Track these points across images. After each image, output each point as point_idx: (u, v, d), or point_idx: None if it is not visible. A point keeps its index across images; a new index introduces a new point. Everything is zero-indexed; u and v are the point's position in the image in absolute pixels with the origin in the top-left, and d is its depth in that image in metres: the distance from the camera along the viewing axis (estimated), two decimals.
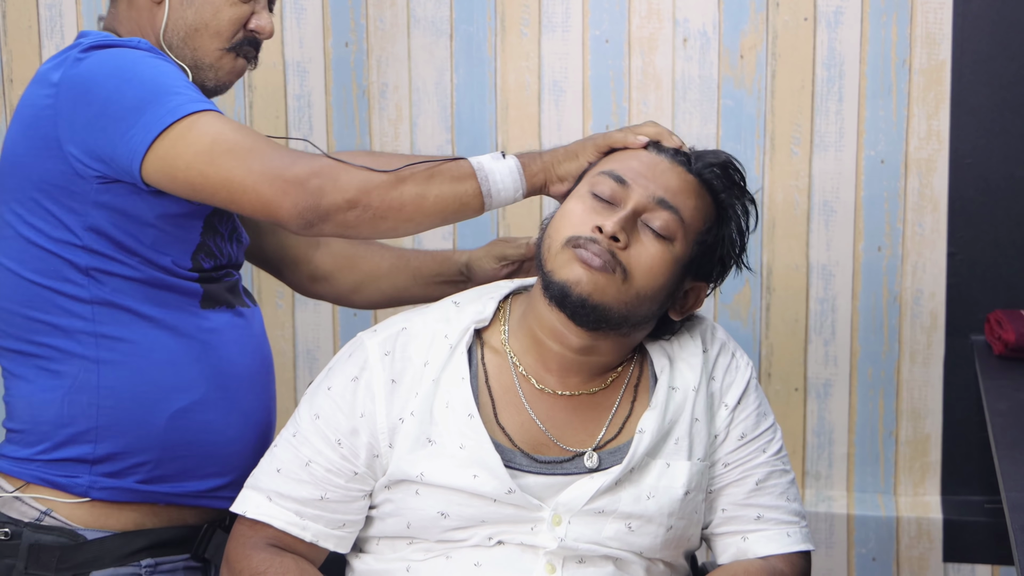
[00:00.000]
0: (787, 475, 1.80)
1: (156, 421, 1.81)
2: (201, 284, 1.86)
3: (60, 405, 1.81)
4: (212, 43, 1.90)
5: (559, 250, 1.65)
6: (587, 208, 1.66)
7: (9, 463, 1.84)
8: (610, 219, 1.64)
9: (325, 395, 1.72)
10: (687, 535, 1.75)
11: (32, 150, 1.80)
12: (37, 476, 1.81)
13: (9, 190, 1.83)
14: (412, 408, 1.68)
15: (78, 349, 1.81)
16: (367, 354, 1.72)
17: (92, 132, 1.75)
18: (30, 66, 2.92)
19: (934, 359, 2.77)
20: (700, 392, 1.75)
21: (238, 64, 1.94)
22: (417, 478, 1.67)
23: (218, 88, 1.94)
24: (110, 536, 1.81)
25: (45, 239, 1.80)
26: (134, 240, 1.80)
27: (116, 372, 1.81)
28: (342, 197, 1.69)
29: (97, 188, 1.77)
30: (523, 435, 1.70)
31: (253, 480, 1.75)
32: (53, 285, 1.81)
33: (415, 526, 1.69)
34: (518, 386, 1.71)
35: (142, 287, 1.81)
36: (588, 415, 1.72)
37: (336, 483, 1.70)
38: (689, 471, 1.72)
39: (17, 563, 1.78)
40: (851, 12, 2.68)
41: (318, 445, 1.71)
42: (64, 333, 1.81)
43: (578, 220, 1.66)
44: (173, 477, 1.81)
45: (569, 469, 1.69)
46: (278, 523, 1.71)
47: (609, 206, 1.66)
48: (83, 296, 1.80)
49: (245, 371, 1.89)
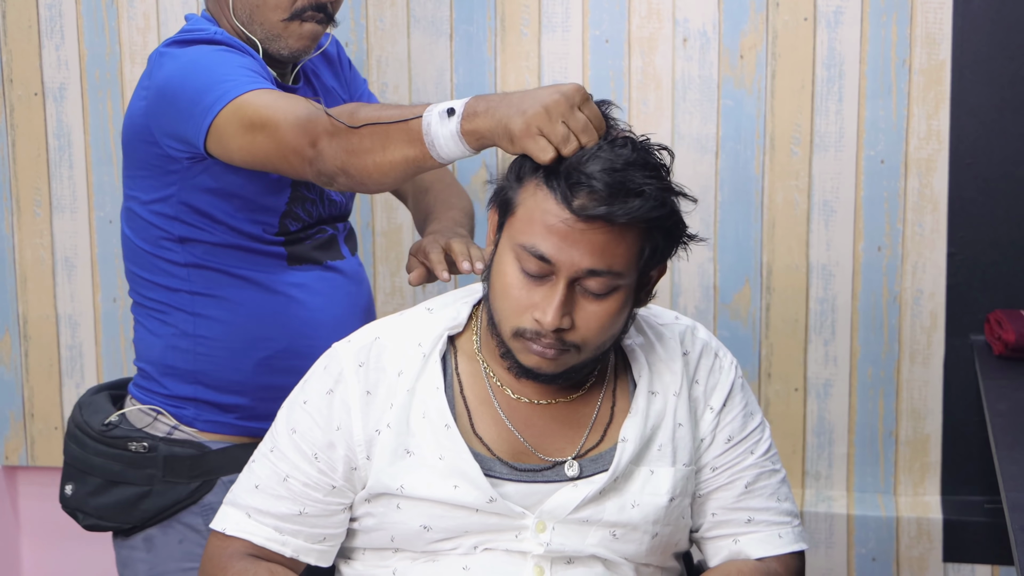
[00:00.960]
0: (777, 474, 1.78)
1: (245, 367, 2.09)
2: (286, 247, 2.10)
3: (164, 350, 2.11)
4: (274, 15, 2.07)
5: (510, 336, 1.62)
6: (521, 285, 1.59)
7: (139, 392, 2.15)
8: (548, 307, 1.57)
9: (301, 409, 1.71)
10: (674, 540, 1.74)
11: (135, 136, 2.06)
12: (159, 404, 2.12)
13: (126, 167, 2.12)
14: (388, 420, 1.66)
15: (177, 303, 2.10)
16: (341, 366, 1.70)
17: (173, 123, 1.98)
18: (30, 66, 2.92)
19: (934, 359, 2.77)
20: (681, 396, 1.72)
21: (305, 29, 2.08)
22: (397, 491, 1.66)
23: (294, 55, 2.10)
24: (232, 447, 2.09)
25: (147, 211, 2.09)
26: (222, 212, 2.05)
27: (209, 324, 2.09)
28: (331, 169, 1.79)
29: (188, 166, 2.01)
30: (501, 444, 1.68)
31: (232, 497, 1.74)
32: (154, 251, 2.10)
33: (399, 539, 1.68)
34: (493, 396, 1.69)
35: (231, 251, 2.07)
36: (567, 422, 1.70)
37: (314, 497, 1.69)
38: (673, 477, 1.70)
39: (156, 472, 2.08)
40: (851, 12, 2.68)
41: (295, 460, 1.69)
42: (167, 290, 2.10)
43: (516, 304, 1.60)
44: (267, 417, 1.86)
45: (550, 477, 1.67)
46: (258, 539, 1.70)
47: (541, 281, 1.59)
48: (178, 260, 2.08)
49: (331, 320, 2.11)
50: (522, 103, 1.57)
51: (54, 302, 3.01)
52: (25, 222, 2.99)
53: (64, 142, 2.95)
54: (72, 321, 3.01)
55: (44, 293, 3.01)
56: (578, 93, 1.56)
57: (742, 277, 2.80)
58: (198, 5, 2.85)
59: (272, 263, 2.10)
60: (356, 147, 1.73)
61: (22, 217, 2.99)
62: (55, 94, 2.94)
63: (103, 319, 3.00)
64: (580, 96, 1.56)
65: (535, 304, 1.58)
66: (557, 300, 1.57)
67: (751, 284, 2.80)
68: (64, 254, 2.99)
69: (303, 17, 2.07)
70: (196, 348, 2.10)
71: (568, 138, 1.55)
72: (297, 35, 2.08)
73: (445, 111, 1.62)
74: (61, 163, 2.96)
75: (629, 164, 1.55)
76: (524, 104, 1.57)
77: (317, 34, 2.10)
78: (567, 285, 1.57)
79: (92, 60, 2.91)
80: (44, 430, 3.06)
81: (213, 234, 2.06)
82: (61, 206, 2.97)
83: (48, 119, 2.95)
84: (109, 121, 2.92)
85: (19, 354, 3.04)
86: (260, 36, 2.08)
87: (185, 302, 2.10)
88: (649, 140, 1.62)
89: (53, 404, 3.05)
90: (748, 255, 2.78)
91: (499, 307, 1.62)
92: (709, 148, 2.76)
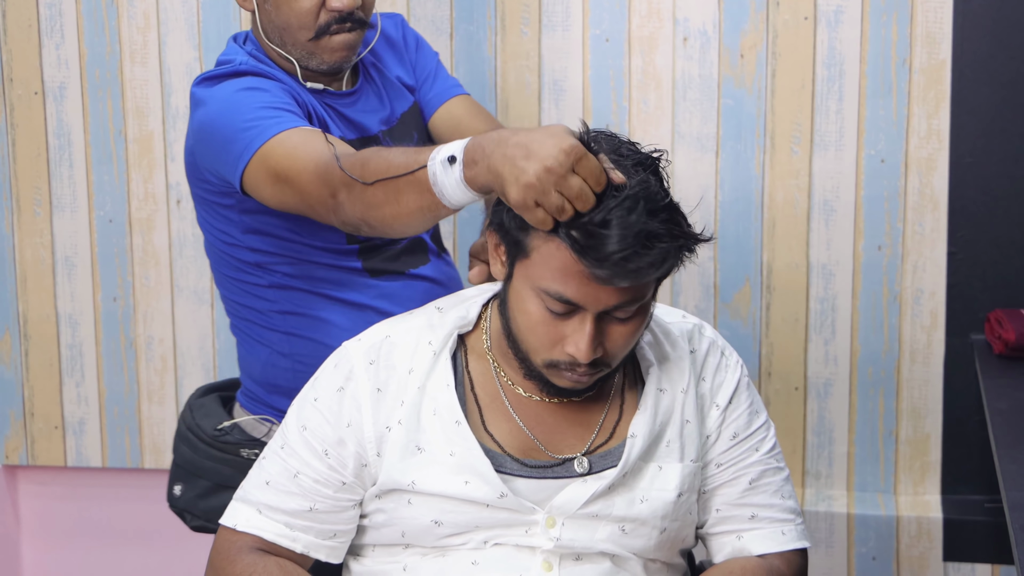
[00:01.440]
0: (781, 472, 1.80)
1: None
2: (361, 257, 2.10)
3: (264, 368, 2.13)
4: (301, 35, 2.05)
5: (542, 366, 1.63)
6: (547, 321, 1.59)
7: (248, 402, 2.18)
8: (580, 342, 1.58)
9: (312, 406, 1.72)
10: (681, 535, 1.75)
11: (190, 172, 2.09)
12: (264, 413, 2.15)
13: (193, 200, 2.14)
14: (399, 416, 1.68)
15: (270, 324, 2.12)
16: (352, 364, 1.71)
17: (213, 164, 1.99)
18: (30, 66, 2.92)
19: (934, 358, 2.77)
20: (689, 393, 1.74)
21: (336, 42, 2.06)
22: (409, 487, 1.67)
23: (333, 68, 2.09)
24: None
25: (219, 242, 2.11)
26: (286, 230, 2.05)
27: (303, 343, 2.10)
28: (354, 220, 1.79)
29: (242, 198, 2.00)
30: (512, 441, 1.69)
31: (242, 493, 1.75)
32: (237, 276, 2.11)
33: (410, 534, 1.69)
34: (503, 394, 1.71)
35: (308, 267, 2.07)
36: (576, 419, 1.71)
37: (325, 494, 1.70)
38: (681, 473, 1.71)
39: None
40: (851, 11, 2.68)
41: (306, 456, 1.70)
42: (258, 312, 2.12)
43: (546, 340, 1.60)
44: None
45: (560, 473, 1.69)
46: (268, 535, 1.71)
47: (568, 315, 1.59)
48: (262, 283, 2.10)
49: None
50: (515, 160, 1.51)
51: (54, 301, 3.01)
52: (25, 221, 2.99)
53: (64, 141, 2.95)
54: (72, 320, 3.01)
55: (44, 292, 3.01)
56: (571, 154, 1.49)
57: (742, 276, 2.80)
58: (198, 5, 2.85)
59: (352, 278, 2.09)
60: (371, 201, 1.72)
61: (22, 216, 2.99)
62: (55, 93, 2.94)
63: (103, 318, 3.00)
64: (574, 156, 1.49)
65: (565, 337, 1.60)
66: (589, 336, 1.58)
67: (751, 283, 2.80)
68: (64, 253, 2.99)
69: (331, 32, 2.05)
70: (294, 366, 2.11)
71: (563, 208, 1.50)
72: (329, 50, 2.06)
73: (447, 159, 1.60)
74: (61, 162, 2.96)
75: (645, 226, 1.51)
76: (517, 165, 1.51)
77: (351, 43, 2.07)
78: (595, 319, 1.58)
79: (92, 59, 2.91)
80: (44, 429, 3.06)
81: (285, 254, 2.06)
82: (61, 205, 2.97)
83: (48, 118, 2.95)
84: (109, 120, 2.92)
85: (19, 353, 3.04)
86: (295, 56, 2.07)
87: (277, 322, 2.11)
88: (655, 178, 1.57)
89: (53, 403, 3.05)
90: (748, 254, 2.78)
91: (527, 341, 1.63)
92: (709, 147, 2.76)
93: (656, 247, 1.51)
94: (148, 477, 3.07)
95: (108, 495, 3.11)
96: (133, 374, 3.01)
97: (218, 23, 2.85)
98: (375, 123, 2.16)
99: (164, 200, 2.93)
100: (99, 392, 3.03)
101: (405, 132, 2.20)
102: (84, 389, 3.03)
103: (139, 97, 2.91)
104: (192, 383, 2.98)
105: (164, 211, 2.94)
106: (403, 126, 2.21)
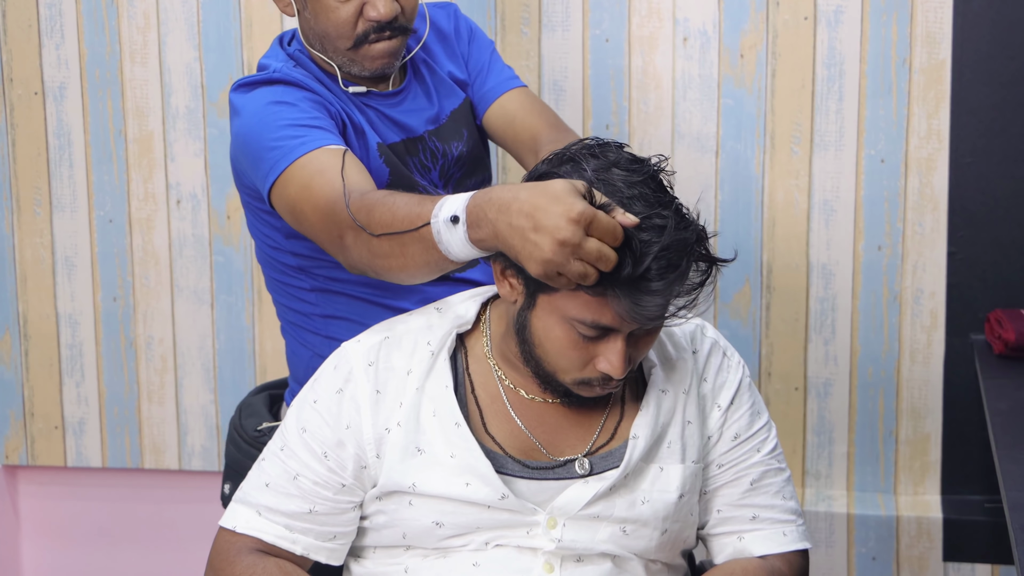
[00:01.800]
0: (782, 473, 1.80)
1: None
2: None
3: (307, 370, 2.06)
4: (341, 43, 2.03)
5: (573, 384, 1.64)
6: (578, 345, 1.59)
7: (292, 400, 2.09)
8: (614, 359, 1.58)
9: (311, 408, 1.71)
10: (683, 536, 1.75)
11: (235, 177, 2.10)
12: None
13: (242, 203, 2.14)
14: (398, 418, 1.67)
15: (312, 327, 2.12)
16: (351, 366, 1.71)
17: (251, 179, 2.00)
18: (30, 66, 2.92)
19: (934, 358, 2.77)
20: (691, 394, 1.74)
21: (376, 50, 2.03)
22: (409, 488, 1.66)
23: (375, 74, 2.06)
24: None
25: (265, 246, 2.11)
26: None
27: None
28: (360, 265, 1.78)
29: None
30: (512, 442, 1.69)
31: (242, 495, 1.75)
32: (282, 279, 2.12)
33: (411, 536, 1.69)
34: (504, 396, 1.70)
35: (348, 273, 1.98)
36: (577, 420, 1.71)
37: (324, 495, 1.70)
38: (683, 474, 1.71)
39: None
40: (851, 11, 2.68)
41: (305, 458, 1.70)
42: (301, 315, 2.12)
43: (579, 361, 1.61)
44: None
45: (561, 474, 1.69)
46: (268, 537, 1.71)
47: (599, 338, 1.59)
48: (304, 286, 2.09)
49: None
50: (524, 234, 1.47)
51: (54, 301, 3.01)
52: (25, 221, 2.99)
53: (64, 141, 2.95)
54: (72, 320, 3.01)
55: (44, 292, 3.01)
56: (581, 221, 1.45)
57: (742, 276, 2.80)
58: (198, 5, 2.85)
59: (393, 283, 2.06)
60: (377, 251, 1.71)
61: (22, 216, 2.99)
62: (55, 93, 2.93)
63: (103, 318, 3.00)
64: (583, 222, 1.46)
65: (597, 355, 1.60)
66: (622, 354, 1.59)
67: (751, 283, 2.80)
68: (64, 253, 2.99)
69: (370, 40, 2.02)
70: None
71: (587, 274, 1.48)
72: (370, 57, 2.04)
73: (450, 218, 1.57)
74: (61, 162, 2.96)
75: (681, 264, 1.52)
76: (528, 239, 1.47)
77: (392, 50, 2.04)
78: (626, 337, 1.59)
79: (92, 59, 2.91)
80: (44, 429, 3.06)
81: (326, 259, 2.02)
82: (61, 205, 2.97)
83: (48, 118, 2.95)
84: (109, 120, 2.92)
85: (19, 353, 3.04)
86: (336, 62, 2.05)
87: (319, 325, 2.11)
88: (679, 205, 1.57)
89: (53, 403, 3.05)
90: (748, 254, 2.78)
91: (556, 363, 1.62)
92: (709, 147, 2.76)
93: (687, 288, 1.55)
94: (148, 477, 3.07)
95: (108, 495, 3.11)
96: (133, 374, 3.01)
97: (218, 23, 2.85)
98: (420, 123, 2.13)
99: (164, 200, 2.93)
100: (99, 392, 3.03)
101: (454, 131, 2.17)
102: (84, 389, 3.03)
103: (139, 97, 2.91)
104: (192, 383, 2.98)
105: (164, 211, 2.94)
106: (452, 124, 2.17)
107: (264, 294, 2.91)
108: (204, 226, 2.93)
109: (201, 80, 2.88)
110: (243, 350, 2.96)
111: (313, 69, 2.08)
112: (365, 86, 2.09)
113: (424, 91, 2.17)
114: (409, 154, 2.10)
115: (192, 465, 3.02)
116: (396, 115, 2.11)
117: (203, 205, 2.92)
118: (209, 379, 2.97)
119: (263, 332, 2.95)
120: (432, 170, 2.13)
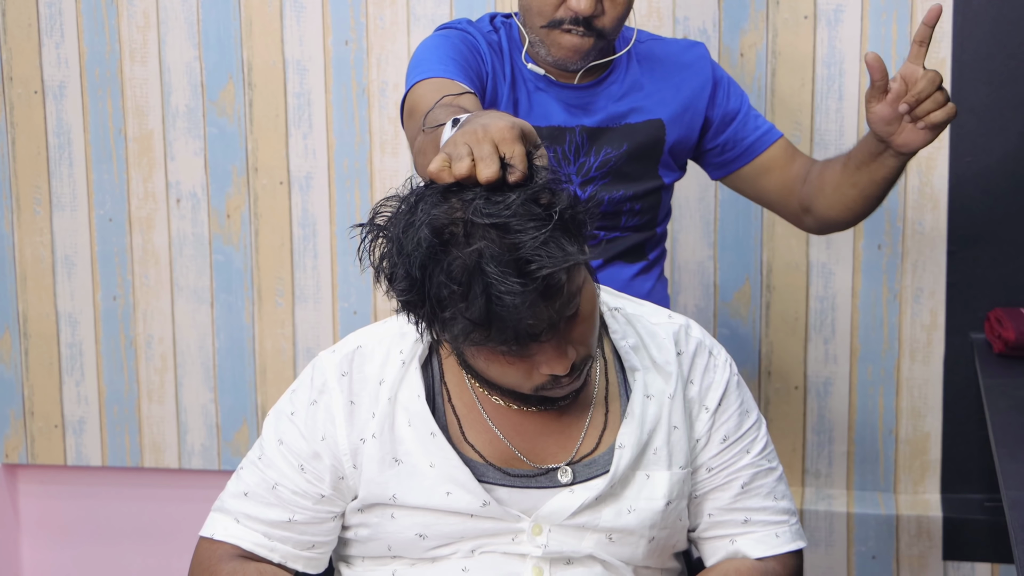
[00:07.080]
0: (773, 472, 1.75)
1: None
2: None
3: None
4: (536, 20, 2.11)
5: (535, 391, 1.56)
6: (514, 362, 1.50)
7: None
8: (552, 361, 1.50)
9: (288, 420, 1.70)
10: (671, 542, 1.72)
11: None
12: None
13: None
14: (372, 429, 1.65)
15: None
16: (325, 377, 1.69)
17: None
18: (30, 64, 2.92)
19: (934, 357, 2.77)
20: (676, 399, 1.69)
21: (565, 40, 2.09)
22: (390, 500, 1.65)
23: (557, 63, 2.13)
24: None
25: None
26: None
27: None
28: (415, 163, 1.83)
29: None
30: (492, 451, 1.65)
31: (220, 504, 1.73)
32: None
33: (396, 548, 1.68)
34: (479, 404, 1.66)
35: None
36: (558, 428, 1.67)
37: (304, 505, 1.68)
38: (669, 481, 1.68)
39: None
40: (851, 10, 2.68)
41: (283, 468, 1.68)
42: None
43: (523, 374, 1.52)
44: None
45: (543, 483, 1.66)
46: (246, 544, 1.69)
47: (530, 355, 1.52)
48: None
49: None
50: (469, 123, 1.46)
51: (54, 300, 3.01)
52: (25, 220, 2.99)
53: (64, 140, 2.95)
54: (72, 319, 3.01)
55: (44, 291, 3.01)
56: (516, 126, 1.42)
57: (742, 275, 2.80)
58: (198, 4, 2.85)
59: None
60: (419, 147, 1.77)
61: (22, 215, 2.99)
62: (55, 92, 2.94)
63: (103, 317, 3.00)
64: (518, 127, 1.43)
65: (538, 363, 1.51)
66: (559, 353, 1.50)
67: (751, 282, 2.79)
68: (64, 252, 2.99)
69: (562, 28, 2.08)
70: None
71: (462, 159, 1.41)
72: (557, 45, 2.10)
73: (453, 120, 1.55)
74: (61, 161, 2.96)
75: (516, 284, 1.39)
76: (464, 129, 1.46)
77: (579, 47, 2.10)
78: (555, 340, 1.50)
79: (92, 58, 2.91)
80: (44, 428, 3.06)
81: None
82: (61, 204, 2.97)
83: (48, 117, 2.95)
84: (109, 119, 2.92)
85: (19, 352, 3.04)
86: (530, 38, 2.14)
87: None
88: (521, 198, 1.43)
89: (53, 402, 3.05)
90: (748, 253, 2.78)
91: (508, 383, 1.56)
92: None
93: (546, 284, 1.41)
94: (148, 476, 3.07)
95: (108, 494, 3.11)
96: (133, 373, 3.01)
97: (218, 22, 2.85)
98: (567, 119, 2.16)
99: (164, 199, 2.93)
100: (99, 391, 3.03)
101: (612, 139, 2.18)
102: (84, 388, 3.03)
103: (139, 96, 2.91)
104: (192, 382, 2.98)
105: (164, 210, 2.94)
106: (615, 133, 2.18)
107: (264, 293, 2.91)
108: (204, 225, 2.93)
109: (201, 79, 2.88)
110: (243, 349, 2.96)
111: (513, 36, 2.18)
112: (543, 70, 2.15)
113: (609, 95, 2.19)
114: (555, 142, 2.15)
115: (192, 464, 3.02)
116: (568, 100, 2.17)
117: (203, 204, 2.92)
118: (209, 378, 2.97)
119: (263, 331, 2.95)
120: (571, 164, 2.18)
